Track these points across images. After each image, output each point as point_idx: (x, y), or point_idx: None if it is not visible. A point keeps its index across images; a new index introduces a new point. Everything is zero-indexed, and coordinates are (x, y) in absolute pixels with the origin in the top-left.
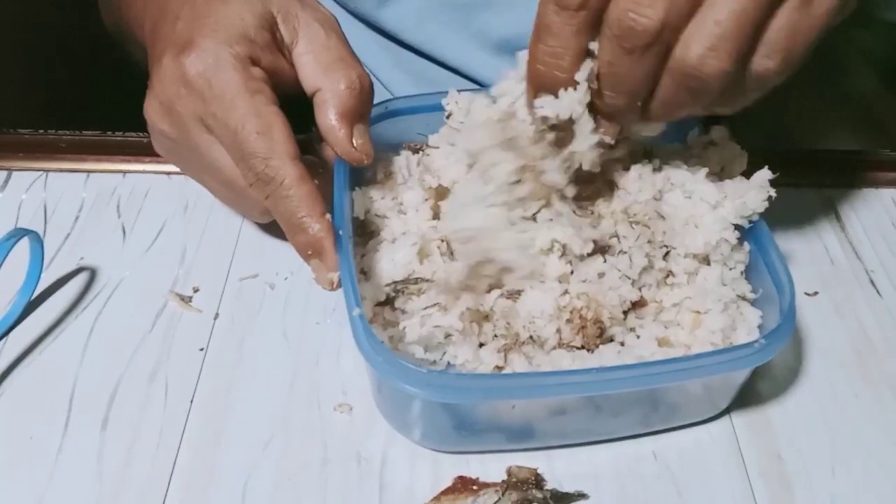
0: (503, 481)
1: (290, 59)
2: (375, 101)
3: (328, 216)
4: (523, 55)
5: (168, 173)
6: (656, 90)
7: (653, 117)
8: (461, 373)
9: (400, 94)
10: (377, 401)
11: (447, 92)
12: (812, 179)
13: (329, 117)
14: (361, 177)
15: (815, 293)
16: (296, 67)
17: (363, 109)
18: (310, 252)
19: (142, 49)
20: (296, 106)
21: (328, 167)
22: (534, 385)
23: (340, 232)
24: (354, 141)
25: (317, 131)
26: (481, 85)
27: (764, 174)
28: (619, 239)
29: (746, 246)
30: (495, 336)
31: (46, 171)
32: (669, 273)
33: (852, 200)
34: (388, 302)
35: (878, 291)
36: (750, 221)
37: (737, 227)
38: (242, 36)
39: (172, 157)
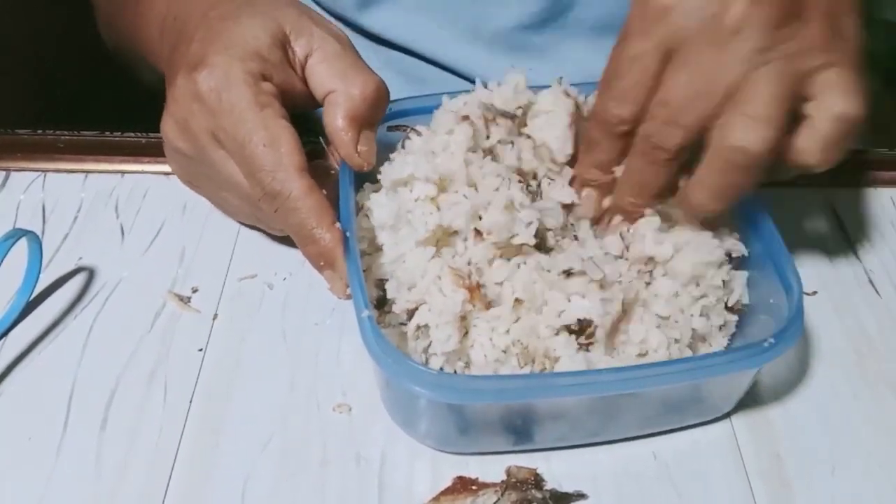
0: (502, 482)
1: (302, 77)
2: None
3: (338, 225)
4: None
5: (167, 174)
6: (703, 180)
7: (707, 206)
8: (472, 374)
9: (391, 95)
10: (385, 401)
11: (449, 93)
12: (811, 179)
13: (338, 119)
14: (366, 177)
15: (815, 293)
16: (309, 78)
17: (373, 117)
18: (322, 263)
19: (152, 72)
20: (303, 116)
21: (335, 171)
22: (545, 386)
23: (348, 234)
24: (359, 147)
25: (323, 132)
26: (472, 81)
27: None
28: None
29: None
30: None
31: (45, 171)
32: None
33: (852, 200)
34: (382, 304)
35: (877, 291)
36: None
37: (743, 227)
38: (254, 53)
39: (189, 177)
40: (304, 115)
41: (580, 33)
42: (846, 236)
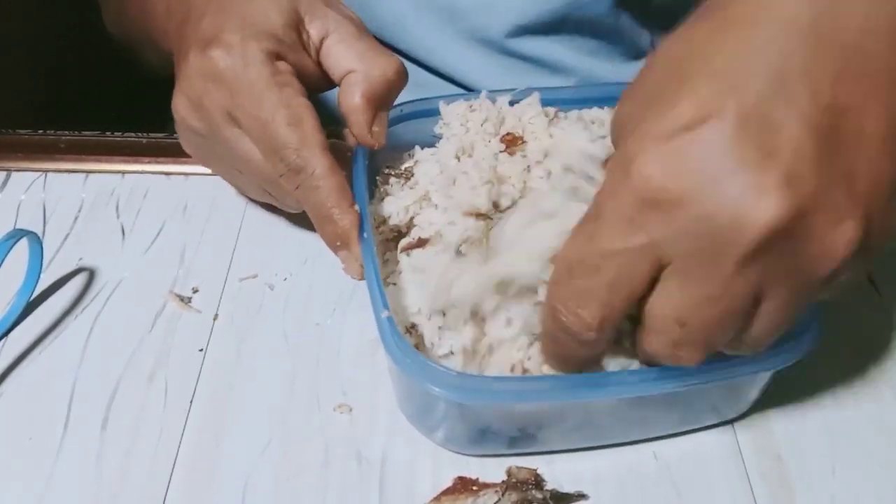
0: (503, 482)
1: (315, 60)
2: None
3: (356, 207)
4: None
5: (167, 174)
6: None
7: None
8: (495, 375)
9: None
10: (400, 403)
11: (457, 94)
12: None
13: (355, 98)
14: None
15: None
16: (325, 59)
17: (390, 99)
18: (338, 243)
19: (158, 55)
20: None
21: (350, 153)
22: (569, 387)
23: (365, 234)
24: (373, 127)
25: (340, 111)
26: (466, 87)
27: None
28: None
29: None
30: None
31: (45, 171)
32: None
33: None
34: None
35: (877, 290)
36: None
37: None
38: (269, 33)
39: (201, 154)
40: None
41: (576, 41)
42: None
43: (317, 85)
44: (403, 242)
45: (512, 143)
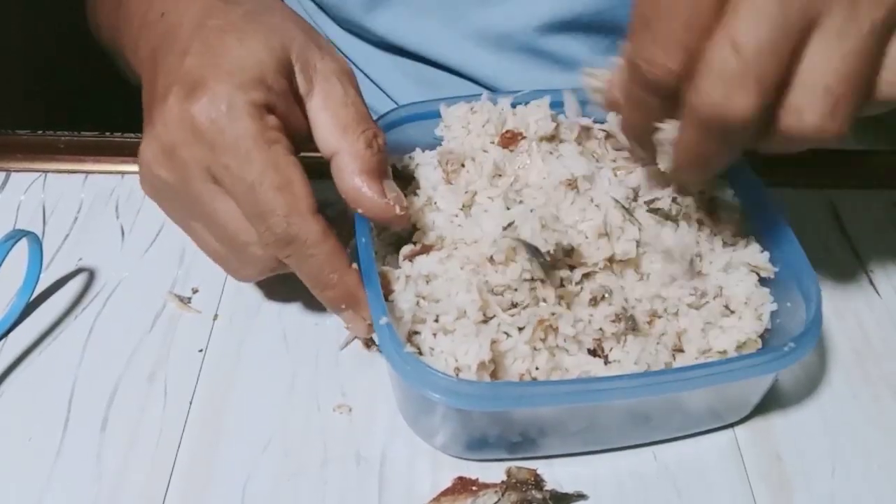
0: (503, 482)
1: (303, 110)
2: (384, 109)
3: (354, 266)
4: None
5: None
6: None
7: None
8: (493, 381)
9: (401, 98)
10: (401, 408)
11: (459, 97)
12: (812, 179)
13: (353, 179)
14: None
15: None
16: (311, 123)
17: (385, 167)
18: (343, 306)
19: (130, 71)
20: None
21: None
22: (566, 392)
23: (364, 239)
24: (387, 194)
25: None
26: (481, 84)
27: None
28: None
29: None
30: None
31: (45, 172)
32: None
33: (852, 200)
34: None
35: (877, 292)
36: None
37: (761, 231)
38: (259, 81)
39: (164, 202)
40: None
41: (591, 38)
42: (847, 237)
43: (305, 139)
44: (406, 250)
45: (511, 140)
